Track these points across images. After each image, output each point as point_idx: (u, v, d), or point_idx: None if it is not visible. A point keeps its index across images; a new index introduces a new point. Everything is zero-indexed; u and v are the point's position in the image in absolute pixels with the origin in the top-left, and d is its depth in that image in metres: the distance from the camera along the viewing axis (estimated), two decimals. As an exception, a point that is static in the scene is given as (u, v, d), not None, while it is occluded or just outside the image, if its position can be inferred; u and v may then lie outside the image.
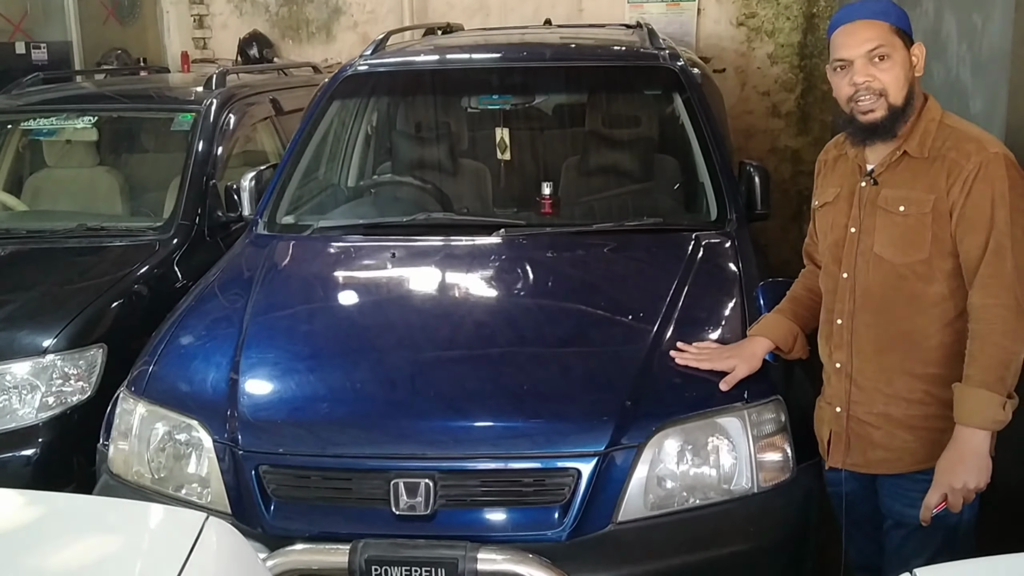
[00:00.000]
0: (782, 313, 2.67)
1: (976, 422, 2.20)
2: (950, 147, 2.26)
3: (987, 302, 2.19)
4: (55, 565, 1.47)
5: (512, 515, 2.47)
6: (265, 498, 2.51)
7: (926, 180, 2.27)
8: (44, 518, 1.62)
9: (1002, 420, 2.20)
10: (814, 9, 6.49)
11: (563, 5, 6.77)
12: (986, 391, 2.18)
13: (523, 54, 4.28)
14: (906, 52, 2.29)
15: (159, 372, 2.81)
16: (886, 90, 2.26)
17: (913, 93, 2.30)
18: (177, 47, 7.55)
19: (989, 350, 2.18)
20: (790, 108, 6.65)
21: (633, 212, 3.58)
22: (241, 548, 1.58)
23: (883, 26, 2.27)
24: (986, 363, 2.18)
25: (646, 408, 2.53)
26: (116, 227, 4.18)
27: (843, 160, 2.46)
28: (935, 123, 2.30)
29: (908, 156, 2.30)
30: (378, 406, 2.63)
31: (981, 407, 2.19)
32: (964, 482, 2.21)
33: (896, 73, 2.26)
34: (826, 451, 2.50)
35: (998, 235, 2.19)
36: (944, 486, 2.23)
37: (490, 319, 3.02)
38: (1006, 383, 2.19)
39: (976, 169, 2.21)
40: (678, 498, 2.50)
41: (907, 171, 2.30)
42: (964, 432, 2.21)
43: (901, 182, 2.30)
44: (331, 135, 4.13)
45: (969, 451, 2.21)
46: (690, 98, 3.79)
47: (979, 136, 2.28)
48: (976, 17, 3.25)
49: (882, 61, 2.26)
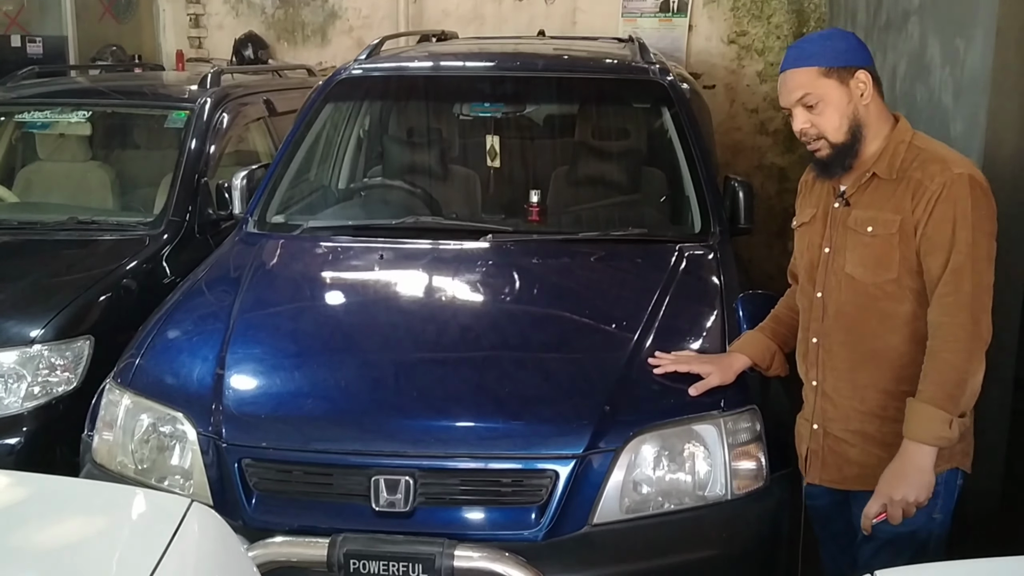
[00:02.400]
0: (762, 331, 2.71)
1: (920, 437, 2.21)
2: (916, 168, 2.28)
3: (943, 320, 2.21)
4: (37, 545, 1.50)
5: (490, 514, 2.51)
6: (247, 491, 2.54)
7: (893, 201, 2.29)
8: (28, 499, 1.65)
9: (947, 437, 2.21)
10: (804, 29, 6.57)
11: (557, 17, 6.83)
12: (933, 408, 2.19)
13: (516, 64, 4.33)
14: (842, 89, 2.29)
15: (146, 365, 2.85)
16: (823, 134, 2.31)
17: (861, 124, 2.32)
18: (172, 46, 7.58)
19: (941, 367, 2.20)
20: (778, 126, 6.72)
21: (619, 222, 3.63)
22: (224, 534, 1.61)
23: (809, 72, 2.29)
24: (937, 380, 2.20)
25: (624, 413, 2.58)
26: (107, 221, 4.21)
27: (820, 182, 2.49)
28: (904, 144, 2.32)
29: (877, 177, 2.33)
30: (361, 404, 2.67)
31: (926, 423, 2.20)
32: (904, 495, 2.23)
33: (829, 116, 2.29)
34: (804, 467, 2.54)
35: (958, 255, 2.20)
36: (884, 497, 2.25)
37: (475, 322, 3.07)
38: (957, 402, 2.21)
39: (939, 189, 2.22)
40: (653, 503, 2.54)
41: (876, 192, 2.33)
42: (909, 446, 2.23)
43: (870, 203, 2.33)
44: (324, 137, 4.18)
45: (912, 465, 2.23)
46: (678, 112, 3.85)
47: (945, 156, 2.30)
48: (959, 41, 3.32)
49: (813, 108, 2.30)
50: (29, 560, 1.44)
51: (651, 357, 2.74)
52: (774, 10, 6.60)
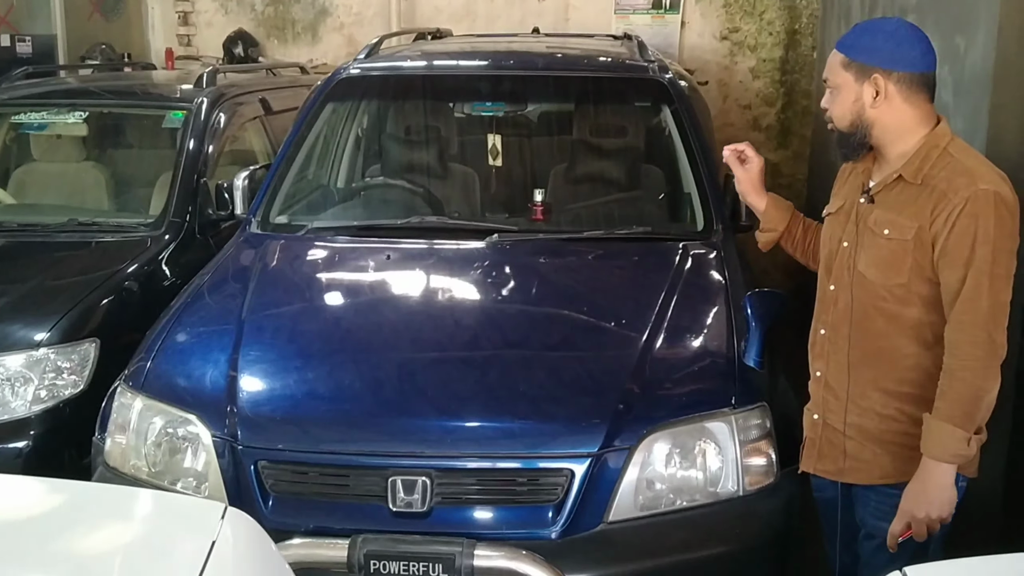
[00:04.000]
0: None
1: (938, 455, 2.23)
2: (943, 178, 2.25)
3: (960, 338, 2.21)
4: (77, 554, 1.50)
5: (506, 513, 2.53)
6: (263, 493, 2.56)
7: (914, 207, 2.28)
8: (64, 506, 1.65)
9: (964, 455, 2.23)
10: (796, 26, 6.61)
11: (550, 13, 6.84)
12: (951, 426, 2.21)
13: (518, 62, 4.33)
14: (854, 85, 2.31)
15: (157, 367, 2.85)
16: (831, 118, 2.39)
17: (865, 123, 2.33)
18: (161, 43, 7.54)
19: (957, 386, 2.21)
20: (771, 122, 6.76)
21: (623, 220, 3.65)
22: (261, 538, 1.62)
23: (837, 57, 2.34)
24: (954, 398, 2.21)
25: (638, 412, 2.61)
26: (107, 223, 4.20)
27: (855, 174, 2.49)
28: (937, 150, 2.29)
29: (903, 180, 2.31)
30: (377, 404, 2.68)
31: (945, 441, 2.22)
32: (927, 512, 2.25)
33: (838, 104, 2.35)
34: (801, 455, 2.57)
35: (976, 272, 2.18)
36: (908, 515, 2.28)
37: (486, 322, 3.08)
38: (973, 419, 2.22)
39: (962, 204, 2.19)
40: (666, 500, 2.57)
41: (900, 195, 2.32)
42: (928, 464, 2.25)
43: (892, 205, 2.33)
44: (325, 137, 4.17)
45: (932, 483, 2.25)
46: (678, 110, 3.87)
47: (974, 169, 2.25)
48: (959, 40, 3.34)
49: (831, 92, 2.37)
50: (72, 569, 1.44)
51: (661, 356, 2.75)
52: (766, 6, 6.63)
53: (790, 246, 2.74)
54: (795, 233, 2.71)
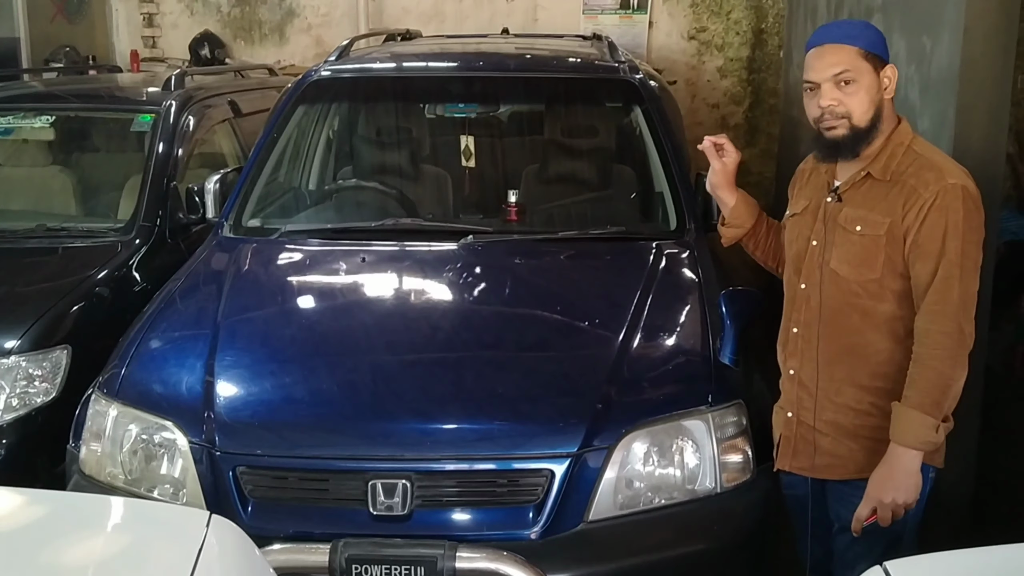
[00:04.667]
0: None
1: (908, 442, 2.28)
2: (911, 173, 2.32)
3: (931, 327, 2.27)
4: (64, 565, 1.49)
5: (487, 515, 2.54)
6: (242, 499, 2.54)
7: (885, 203, 2.33)
8: (48, 517, 1.63)
9: (933, 442, 2.28)
10: (762, 25, 6.68)
11: (519, 14, 6.85)
12: (921, 413, 2.25)
13: (489, 64, 4.35)
14: (874, 75, 2.33)
15: (132, 374, 2.83)
16: (850, 113, 2.32)
17: (881, 115, 2.36)
18: (126, 45, 7.47)
19: (928, 374, 2.26)
20: (738, 121, 6.83)
21: (597, 221, 3.66)
22: (246, 546, 1.62)
23: (851, 50, 2.33)
24: (924, 386, 2.26)
25: (616, 411, 2.62)
26: (77, 228, 4.15)
27: (816, 174, 2.54)
28: (903, 147, 2.36)
29: (872, 178, 2.36)
30: (356, 408, 2.68)
31: (914, 428, 2.26)
32: (893, 497, 2.29)
33: (860, 97, 2.32)
34: (776, 454, 2.59)
35: (948, 264, 2.25)
36: (874, 500, 2.31)
37: (463, 323, 3.08)
38: (942, 407, 2.27)
39: (933, 198, 2.26)
40: (644, 498, 2.59)
41: (869, 192, 2.37)
42: (896, 450, 2.29)
43: (862, 202, 2.37)
44: (297, 140, 4.15)
45: (900, 469, 2.29)
46: (649, 110, 3.90)
47: (942, 165, 2.33)
48: (925, 40, 3.39)
49: (847, 85, 2.32)
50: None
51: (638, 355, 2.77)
52: (733, 6, 6.69)
53: (752, 244, 2.76)
54: (760, 232, 2.74)
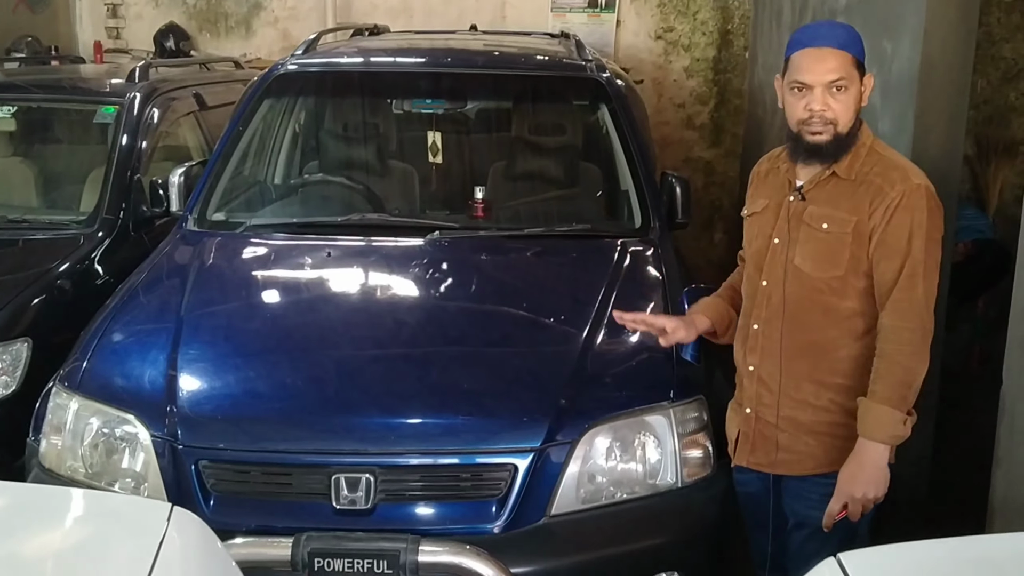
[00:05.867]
0: (720, 297, 2.75)
1: (877, 436, 2.32)
2: (876, 173, 2.37)
3: (896, 324, 2.31)
4: (24, 556, 1.48)
5: (450, 509, 2.55)
6: (205, 493, 2.54)
7: (850, 202, 2.37)
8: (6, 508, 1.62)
9: (901, 435, 2.33)
10: (728, 26, 6.73)
11: (487, 10, 6.85)
12: (888, 407, 2.30)
13: (457, 60, 4.35)
14: (859, 84, 2.36)
15: (93, 367, 2.81)
16: (837, 120, 2.35)
17: (859, 122, 2.40)
18: (89, 36, 7.37)
19: (894, 369, 2.30)
20: (704, 120, 6.88)
21: (562, 218, 3.68)
22: (208, 537, 1.61)
23: (848, 57, 2.33)
24: (891, 381, 2.30)
25: (579, 406, 2.64)
26: (38, 220, 4.11)
27: (774, 174, 2.57)
28: (865, 148, 2.41)
29: (836, 177, 2.40)
30: (320, 402, 2.68)
31: (883, 422, 2.31)
32: (863, 492, 2.33)
33: (848, 105, 2.35)
34: (733, 449, 2.62)
35: (912, 262, 2.30)
36: (845, 495, 2.35)
37: (428, 319, 3.09)
38: (907, 400, 2.32)
39: (899, 198, 2.31)
40: (607, 492, 2.61)
41: (834, 191, 2.40)
42: (866, 445, 2.33)
43: (827, 201, 2.41)
44: (262, 133, 4.13)
45: (869, 463, 2.33)
46: (615, 108, 3.92)
47: (904, 166, 2.40)
48: (886, 43, 3.45)
49: (839, 92, 2.34)
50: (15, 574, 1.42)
51: (603, 351, 2.82)
52: (699, 6, 6.74)
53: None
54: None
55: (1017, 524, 2.53)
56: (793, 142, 2.44)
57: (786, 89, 2.42)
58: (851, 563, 1.56)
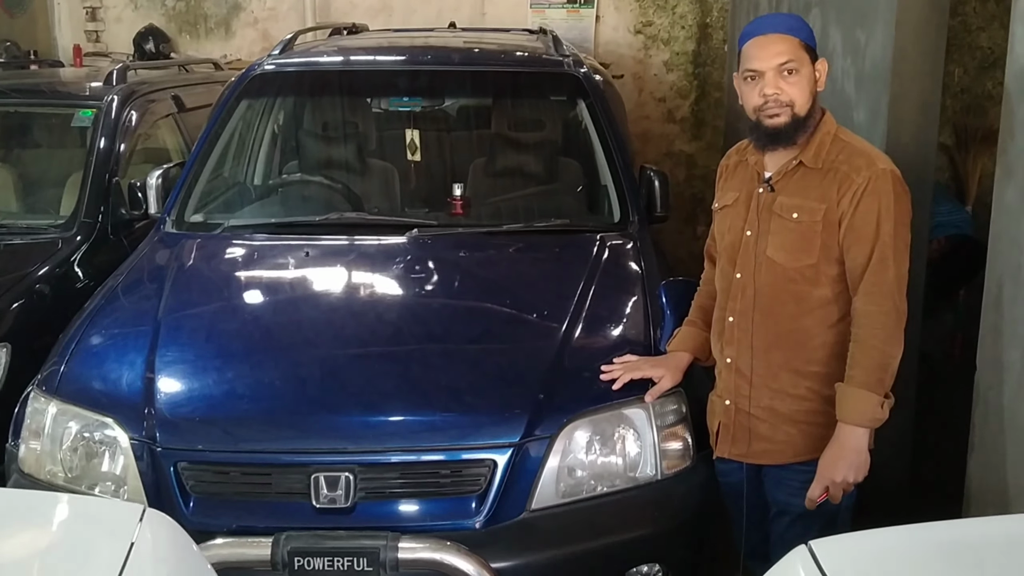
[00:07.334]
0: (694, 325, 2.77)
1: (857, 420, 2.34)
2: (842, 160, 2.39)
3: (870, 308, 2.34)
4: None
5: (431, 505, 2.55)
6: (184, 494, 2.53)
7: (819, 190, 2.40)
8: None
9: (880, 418, 2.35)
10: (707, 19, 6.74)
11: (466, 8, 6.85)
12: (866, 391, 2.32)
13: (435, 58, 4.36)
14: (811, 67, 2.41)
15: (71, 371, 2.80)
16: (793, 102, 2.38)
17: (815, 105, 2.43)
18: (68, 40, 7.34)
19: (870, 353, 2.33)
20: (684, 114, 6.89)
21: (542, 213, 3.68)
22: (180, 539, 1.61)
23: (794, 41, 2.39)
24: (867, 365, 2.32)
25: (558, 401, 2.65)
26: (16, 224, 4.10)
27: (743, 166, 2.59)
28: (830, 136, 2.43)
29: (804, 166, 2.42)
30: (298, 402, 2.67)
31: (862, 406, 2.33)
32: (844, 476, 2.36)
33: (802, 87, 2.38)
34: (715, 441, 2.64)
35: (882, 247, 2.33)
36: (826, 479, 2.38)
37: (406, 316, 3.09)
38: (884, 384, 2.34)
39: (865, 183, 2.34)
40: (587, 486, 2.62)
41: (802, 180, 2.43)
42: (845, 429, 2.36)
43: (796, 190, 2.43)
44: (240, 134, 4.13)
45: (849, 447, 2.35)
46: (593, 104, 3.93)
47: (869, 152, 2.42)
48: (860, 33, 3.47)
49: (791, 75, 2.38)
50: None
51: (580, 346, 2.82)
52: (678, 1, 6.75)
53: None
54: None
55: (992, 510, 2.55)
56: (754, 131, 2.46)
57: (741, 81, 2.46)
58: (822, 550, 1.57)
